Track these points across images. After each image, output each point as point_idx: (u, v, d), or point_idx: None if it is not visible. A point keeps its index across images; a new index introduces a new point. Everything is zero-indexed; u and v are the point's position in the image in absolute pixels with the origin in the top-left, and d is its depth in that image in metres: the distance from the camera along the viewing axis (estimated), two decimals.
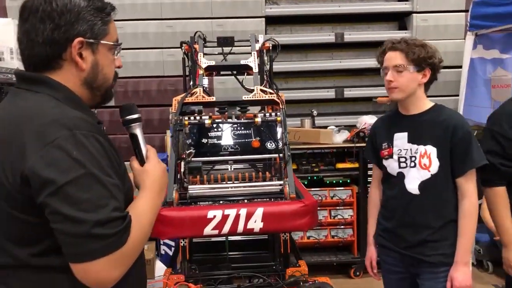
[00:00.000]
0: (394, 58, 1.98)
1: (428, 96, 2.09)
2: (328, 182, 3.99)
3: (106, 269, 1.02)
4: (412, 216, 2.01)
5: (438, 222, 1.97)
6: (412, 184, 2.00)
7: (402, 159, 2.03)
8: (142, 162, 1.26)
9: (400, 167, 2.04)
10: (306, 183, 3.98)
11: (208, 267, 2.54)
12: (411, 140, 2.02)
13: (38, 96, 1.12)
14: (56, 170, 1.00)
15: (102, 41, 1.17)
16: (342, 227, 3.94)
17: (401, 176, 2.04)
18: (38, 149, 1.01)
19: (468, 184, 1.93)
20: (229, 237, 2.58)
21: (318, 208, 3.88)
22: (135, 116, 1.28)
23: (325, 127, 4.19)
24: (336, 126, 4.22)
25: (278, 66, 4.68)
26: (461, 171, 1.93)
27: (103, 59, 1.19)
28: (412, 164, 2.00)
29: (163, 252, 3.55)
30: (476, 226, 1.98)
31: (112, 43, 1.21)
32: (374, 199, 2.26)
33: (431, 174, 1.96)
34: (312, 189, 3.92)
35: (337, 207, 3.94)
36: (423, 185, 1.98)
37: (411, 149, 2.01)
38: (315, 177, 3.97)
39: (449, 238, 1.96)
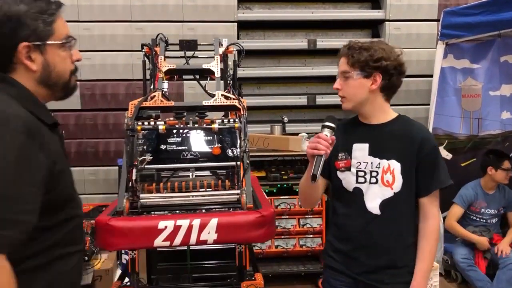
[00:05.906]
0: (340, 64, 1.80)
1: (400, 105, 1.89)
2: (297, 190, 3.89)
3: None
4: (371, 238, 1.79)
5: (399, 246, 1.79)
6: (373, 202, 1.78)
7: (361, 173, 1.80)
8: None
9: (357, 181, 1.80)
10: (275, 190, 3.91)
11: (169, 278, 2.45)
12: (372, 152, 1.78)
13: None
14: None
15: (48, 42, 1.23)
16: (310, 236, 3.88)
17: (358, 192, 1.80)
18: None
19: (432, 205, 1.78)
20: (191, 246, 2.48)
21: (287, 216, 3.86)
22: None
23: (297, 134, 4.14)
24: (308, 133, 4.15)
25: (250, 72, 4.63)
26: (426, 191, 1.76)
27: (54, 58, 1.25)
28: (374, 180, 1.77)
29: (124, 261, 3.43)
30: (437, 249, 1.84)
31: (60, 42, 1.25)
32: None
33: (394, 193, 1.75)
34: (281, 197, 3.85)
35: (306, 216, 3.87)
36: (384, 204, 1.76)
37: (372, 163, 1.78)
38: (284, 185, 3.91)
39: (410, 264, 1.78)
